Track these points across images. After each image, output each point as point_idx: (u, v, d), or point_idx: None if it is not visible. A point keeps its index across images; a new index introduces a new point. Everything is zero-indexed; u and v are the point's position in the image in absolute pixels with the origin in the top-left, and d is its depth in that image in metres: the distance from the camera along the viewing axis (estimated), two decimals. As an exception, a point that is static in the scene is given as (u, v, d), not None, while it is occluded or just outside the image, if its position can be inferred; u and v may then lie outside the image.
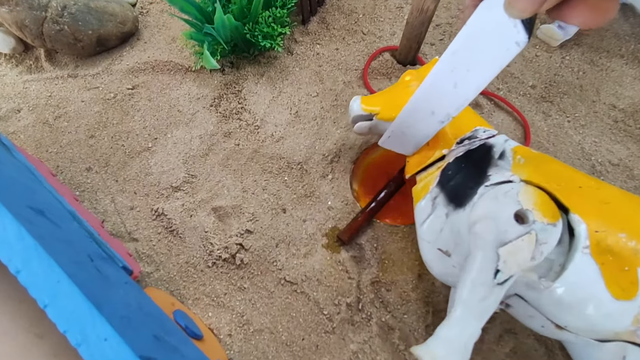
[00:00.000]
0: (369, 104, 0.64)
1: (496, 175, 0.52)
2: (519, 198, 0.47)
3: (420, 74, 0.62)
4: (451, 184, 0.55)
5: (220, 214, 0.72)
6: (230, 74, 0.83)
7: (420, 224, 0.58)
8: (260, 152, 0.76)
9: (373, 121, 0.64)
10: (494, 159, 0.55)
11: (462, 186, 0.54)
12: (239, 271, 0.68)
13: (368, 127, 0.65)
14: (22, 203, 0.38)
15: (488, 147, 0.56)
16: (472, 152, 0.56)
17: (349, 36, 0.86)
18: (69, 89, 0.85)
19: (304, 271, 0.68)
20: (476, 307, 0.47)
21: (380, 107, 0.63)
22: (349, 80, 0.82)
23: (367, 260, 0.68)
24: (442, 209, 0.55)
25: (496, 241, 0.45)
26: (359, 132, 0.66)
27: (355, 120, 0.65)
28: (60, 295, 0.30)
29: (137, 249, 0.70)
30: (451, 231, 0.54)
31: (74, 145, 0.79)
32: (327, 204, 0.72)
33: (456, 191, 0.54)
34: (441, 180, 0.56)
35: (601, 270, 0.45)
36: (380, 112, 0.62)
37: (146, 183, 0.75)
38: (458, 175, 0.55)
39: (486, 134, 0.57)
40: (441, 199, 0.56)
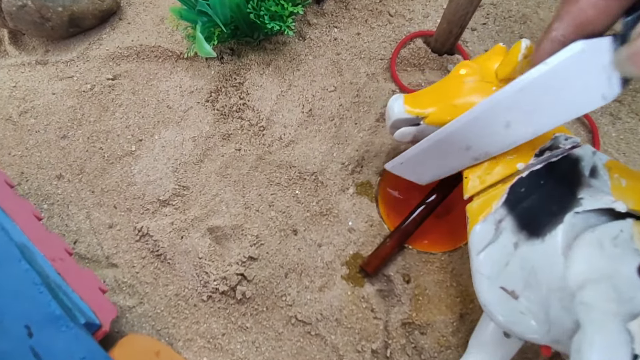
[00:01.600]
0: (415, 104, 0.51)
1: (591, 200, 0.39)
2: (636, 245, 0.34)
3: (480, 65, 0.48)
4: (524, 205, 0.43)
5: (218, 236, 0.59)
6: (230, 63, 0.69)
7: (477, 252, 0.46)
8: (266, 159, 0.63)
9: (420, 126, 0.51)
10: (584, 176, 0.42)
11: (541, 210, 0.42)
12: (240, 307, 0.56)
13: (413, 134, 0.52)
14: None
15: (574, 160, 0.43)
16: (553, 165, 0.43)
17: (372, 18, 0.71)
18: (38, 78, 0.71)
19: (320, 308, 0.55)
20: None
21: (431, 108, 0.50)
22: (373, 71, 0.68)
23: (397, 296, 0.56)
24: (509, 236, 0.43)
25: (621, 313, 0.32)
26: (400, 139, 0.54)
27: (396, 125, 0.52)
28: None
29: (116, 277, 0.58)
30: (521, 267, 0.42)
31: (43, 147, 0.66)
32: (347, 224, 0.59)
33: (531, 215, 0.42)
34: (510, 199, 0.44)
35: None
36: (430, 115, 0.50)
37: (128, 195, 0.63)
38: (534, 195, 0.43)
39: (569, 142, 0.44)
40: (509, 224, 0.44)
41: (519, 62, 0.44)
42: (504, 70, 0.46)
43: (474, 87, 0.48)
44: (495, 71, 0.48)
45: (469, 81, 0.48)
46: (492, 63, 0.48)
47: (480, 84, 0.48)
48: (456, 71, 0.50)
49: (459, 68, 0.49)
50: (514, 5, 0.72)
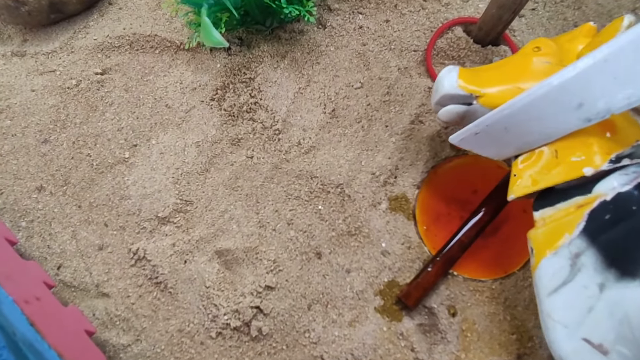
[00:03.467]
0: (472, 80, 0.43)
1: None
2: None
3: (559, 47, 0.41)
4: (610, 236, 0.36)
5: (228, 260, 0.51)
6: (239, 55, 0.60)
7: (548, 293, 0.38)
8: (282, 168, 0.54)
9: (473, 106, 0.43)
10: None
11: (635, 243, 0.34)
12: (255, 345, 0.48)
13: (462, 115, 0.44)
14: None
15: None
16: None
17: (403, 3, 0.62)
18: (14, 72, 0.62)
19: (350, 347, 0.47)
20: None
21: (490, 88, 0.42)
22: (405, 65, 0.59)
23: (442, 332, 0.47)
24: (591, 275, 0.36)
25: None
26: (444, 119, 0.46)
27: (443, 101, 0.45)
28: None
29: (107, 309, 0.50)
30: (611, 314, 0.35)
31: (20, 153, 0.57)
32: (380, 246, 0.51)
33: (622, 250, 0.35)
34: (590, 227, 0.36)
35: None
36: (488, 95, 0.42)
37: (121, 211, 0.54)
38: (624, 223, 0.35)
39: None
40: (590, 259, 0.36)
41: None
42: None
43: (546, 69, 0.40)
44: (578, 53, 0.39)
45: (542, 62, 0.40)
46: (575, 44, 0.40)
47: (555, 67, 0.40)
48: (528, 48, 0.42)
49: (532, 44, 0.42)
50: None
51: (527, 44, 0.42)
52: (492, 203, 0.49)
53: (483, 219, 0.50)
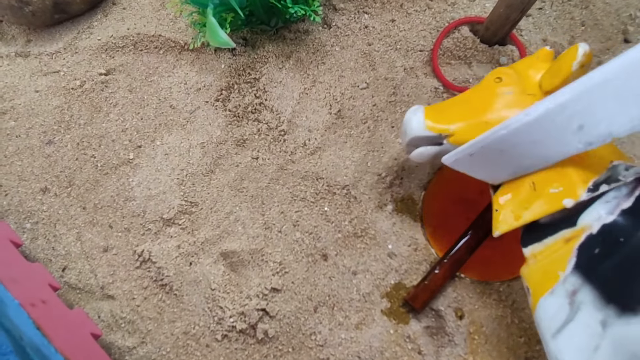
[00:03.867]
0: (438, 119, 0.42)
1: None
2: None
3: (520, 75, 0.41)
4: (604, 271, 0.34)
5: (233, 262, 0.50)
6: (244, 55, 0.59)
7: (552, 335, 0.37)
8: (288, 169, 0.54)
9: (443, 146, 0.43)
10: None
11: (629, 276, 0.33)
12: (261, 348, 0.48)
13: (433, 154, 0.44)
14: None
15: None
16: (629, 213, 0.34)
17: (409, 2, 0.62)
18: (18, 73, 0.62)
19: (357, 350, 0.47)
20: None
21: (457, 124, 0.41)
22: (411, 65, 0.58)
23: (449, 334, 0.47)
24: (591, 312, 0.35)
25: None
26: (417, 160, 0.45)
27: (413, 142, 0.44)
28: None
29: (112, 311, 0.49)
30: (617, 353, 0.33)
31: (25, 154, 0.57)
32: (386, 248, 0.51)
33: (619, 284, 0.34)
34: (582, 263, 0.36)
35: None
36: (456, 132, 0.41)
37: (126, 212, 0.54)
38: (615, 256, 0.34)
39: (632, 173, 0.36)
40: (588, 297, 0.35)
41: (572, 71, 0.35)
42: (551, 82, 0.38)
43: (511, 100, 0.40)
44: (539, 81, 0.39)
45: (506, 92, 0.39)
46: (535, 71, 0.40)
47: (519, 96, 0.40)
48: (490, 79, 0.41)
49: (493, 75, 0.41)
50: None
51: (487, 75, 0.42)
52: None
53: (491, 221, 0.49)
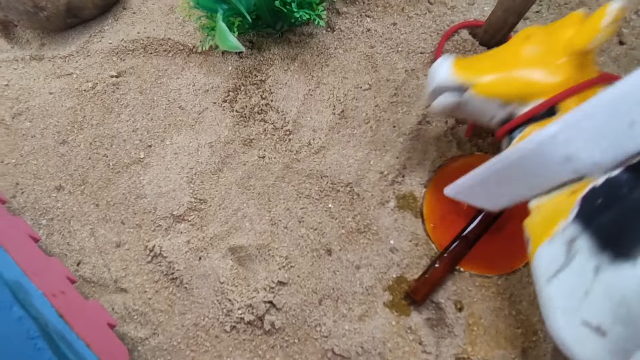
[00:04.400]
0: (465, 69, 0.45)
1: None
2: None
3: (550, 33, 0.43)
4: (603, 221, 0.37)
5: (241, 257, 0.52)
6: (250, 58, 0.61)
7: (547, 280, 0.39)
8: (293, 167, 0.56)
9: (465, 96, 0.45)
10: None
11: (628, 225, 0.35)
12: (268, 338, 0.50)
13: (455, 105, 0.46)
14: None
15: None
16: (633, 170, 0.36)
17: (410, 6, 0.64)
18: (33, 75, 0.64)
19: (360, 341, 0.49)
20: None
21: (484, 76, 0.44)
22: (412, 67, 0.60)
23: (449, 326, 0.49)
24: (587, 259, 0.37)
25: None
26: (437, 110, 0.48)
27: (437, 91, 0.47)
28: None
29: (125, 303, 0.51)
30: (607, 296, 0.36)
31: (40, 153, 0.59)
32: (389, 243, 0.52)
33: (615, 232, 0.36)
34: (583, 213, 0.37)
35: None
36: (481, 84, 0.43)
37: (137, 209, 0.56)
38: (616, 206, 0.36)
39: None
40: (585, 244, 0.37)
41: (601, 29, 0.37)
42: (580, 40, 0.39)
43: (536, 58, 0.42)
44: (566, 42, 0.40)
45: (533, 50, 0.41)
46: (564, 32, 0.41)
47: (544, 56, 0.42)
48: (520, 37, 0.43)
49: (523, 33, 0.43)
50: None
51: (519, 32, 0.43)
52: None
53: (488, 217, 0.51)
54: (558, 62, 0.40)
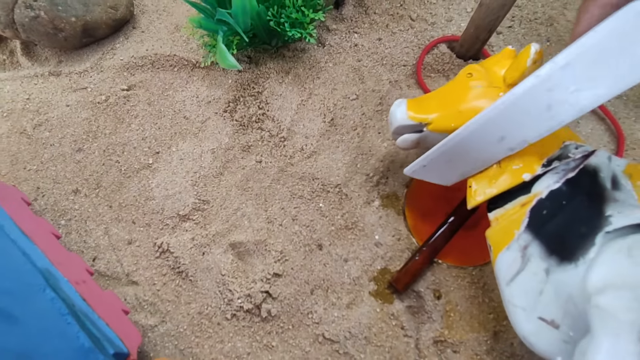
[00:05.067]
0: (419, 110, 0.50)
1: (620, 216, 0.38)
2: None
3: (487, 69, 0.47)
4: (549, 228, 0.42)
5: (240, 252, 0.58)
6: (248, 72, 0.67)
7: (507, 282, 0.44)
8: (287, 171, 0.62)
9: (423, 133, 0.50)
10: (607, 189, 0.41)
11: (568, 232, 0.41)
12: (265, 325, 0.55)
13: (416, 141, 0.51)
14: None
15: (592, 172, 0.41)
16: (572, 182, 0.41)
17: (393, 23, 0.70)
18: (51, 89, 0.70)
19: (348, 326, 0.54)
20: None
21: (435, 114, 0.48)
22: (396, 78, 0.66)
23: (428, 312, 0.54)
24: (538, 263, 0.42)
25: (637, 323, 0.32)
26: (402, 146, 0.53)
27: (398, 131, 0.52)
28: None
29: (137, 295, 0.57)
30: (557, 294, 0.40)
31: (58, 160, 0.65)
32: (374, 238, 0.58)
33: (559, 239, 0.41)
34: (533, 223, 0.42)
35: None
36: (434, 121, 0.49)
37: (147, 210, 0.61)
38: (559, 216, 0.41)
39: (580, 151, 0.43)
40: (536, 250, 0.42)
41: (527, 67, 0.43)
42: (512, 75, 0.45)
43: (480, 92, 0.47)
44: (503, 76, 0.46)
45: (476, 86, 0.46)
46: (500, 67, 0.47)
47: (487, 89, 0.47)
48: (462, 75, 0.48)
49: (465, 72, 0.48)
50: (539, 7, 0.70)
51: (460, 71, 0.49)
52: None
53: (464, 214, 0.56)
54: (499, 94, 0.45)
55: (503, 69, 0.47)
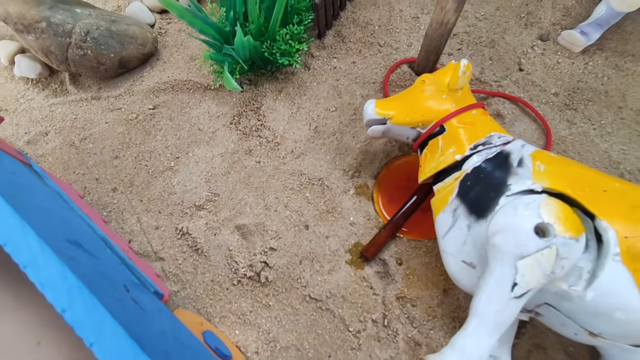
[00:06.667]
0: (383, 107, 0.65)
1: (517, 185, 0.52)
2: (541, 211, 0.47)
3: (436, 77, 0.62)
4: (471, 195, 0.56)
5: (244, 232, 0.73)
6: (249, 91, 0.84)
7: (442, 236, 0.58)
8: (281, 169, 0.77)
9: (387, 125, 0.65)
10: (512, 167, 0.55)
11: (483, 197, 0.54)
12: (264, 289, 0.69)
13: (382, 131, 0.66)
14: (60, 236, 0.40)
15: (505, 154, 0.55)
16: (489, 161, 0.56)
17: (365, 49, 0.86)
18: (93, 110, 0.87)
19: (329, 288, 0.68)
20: (492, 320, 0.48)
21: (394, 111, 0.63)
22: (367, 93, 0.82)
23: (392, 275, 0.68)
24: (463, 220, 0.56)
25: (515, 254, 0.46)
26: (372, 135, 0.68)
27: (369, 123, 0.67)
28: (105, 335, 0.31)
29: (163, 268, 0.72)
30: (474, 243, 0.54)
31: (100, 166, 0.82)
32: (349, 219, 0.72)
33: (477, 202, 0.55)
34: (460, 191, 0.56)
35: (634, 277, 0.45)
36: (394, 116, 0.64)
37: (170, 202, 0.77)
38: (478, 186, 0.55)
39: (501, 139, 0.57)
40: (462, 211, 0.56)
41: (460, 75, 0.58)
42: (452, 82, 0.60)
43: (429, 95, 0.62)
44: (447, 83, 0.61)
45: (427, 90, 0.62)
46: (445, 76, 0.62)
47: (435, 92, 0.62)
48: (418, 82, 0.63)
49: (420, 79, 0.63)
50: (484, 32, 0.85)
51: (417, 79, 0.64)
52: (425, 188, 0.71)
53: (417, 199, 0.71)
54: (443, 97, 0.61)
55: (447, 77, 0.62)
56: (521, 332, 0.64)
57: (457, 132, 0.59)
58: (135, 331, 0.32)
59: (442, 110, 0.61)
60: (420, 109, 0.62)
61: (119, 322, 0.32)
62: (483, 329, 0.48)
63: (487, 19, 0.87)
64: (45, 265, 0.33)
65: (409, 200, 0.71)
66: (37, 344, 0.46)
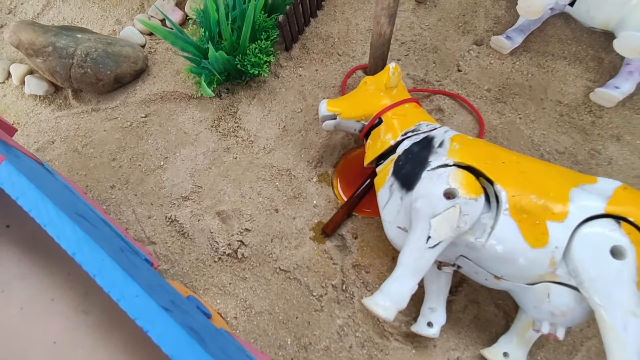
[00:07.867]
0: (333, 105, 0.78)
1: (435, 161, 0.64)
2: (449, 179, 0.59)
3: (376, 79, 0.75)
4: (402, 172, 0.68)
5: (223, 217, 0.85)
6: (227, 99, 0.97)
7: (382, 208, 0.70)
8: (254, 162, 0.90)
9: (337, 120, 0.77)
10: (434, 147, 0.67)
11: (411, 173, 0.66)
12: (240, 264, 0.81)
13: (333, 125, 0.79)
14: (71, 209, 0.52)
15: (430, 138, 0.68)
16: (417, 144, 0.68)
17: (326, 58, 1.00)
18: (93, 121, 1.01)
19: (295, 260, 0.80)
20: (411, 267, 0.60)
21: (342, 108, 0.76)
22: (328, 96, 0.95)
23: (348, 248, 0.80)
24: (397, 193, 0.68)
25: (429, 214, 0.59)
26: (326, 129, 0.80)
27: (322, 119, 0.79)
28: (105, 269, 0.43)
29: (155, 250, 0.84)
30: (405, 211, 0.66)
31: (99, 167, 0.95)
32: (312, 202, 0.85)
33: (406, 177, 0.67)
34: (395, 170, 0.69)
35: (519, 226, 0.57)
36: (342, 112, 0.76)
37: (160, 195, 0.90)
38: (407, 164, 0.67)
39: (429, 127, 0.70)
40: (396, 186, 0.68)
41: (390, 76, 0.71)
42: (387, 82, 0.72)
43: (370, 93, 0.75)
44: (383, 83, 0.74)
45: (369, 89, 0.75)
46: (383, 78, 0.75)
47: (374, 91, 0.75)
48: (362, 83, 0.77)
49: (364, 81, 0.76)
50: (428, 40, 0.99)
51: (362, 81, 0.78)
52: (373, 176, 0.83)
53: (371, 182, 0.83)
54: (381, 94, 0.74)
55: (385, 78, 0.76)
56: (458, 290, 0.76)
57: (392, 122, 0.72)
58: (127, 269, 0.44)
59: (380, 105, 0.74)
60: (362, 105, 0.75)
61: (114, 260, 0.44)
62: (405, 274, 0.60)
63: (431, 28, 1.00)
64: (61, 224, 0.46)
65: (362, 184, 0.83)
66: (52, 300, 0.59)
